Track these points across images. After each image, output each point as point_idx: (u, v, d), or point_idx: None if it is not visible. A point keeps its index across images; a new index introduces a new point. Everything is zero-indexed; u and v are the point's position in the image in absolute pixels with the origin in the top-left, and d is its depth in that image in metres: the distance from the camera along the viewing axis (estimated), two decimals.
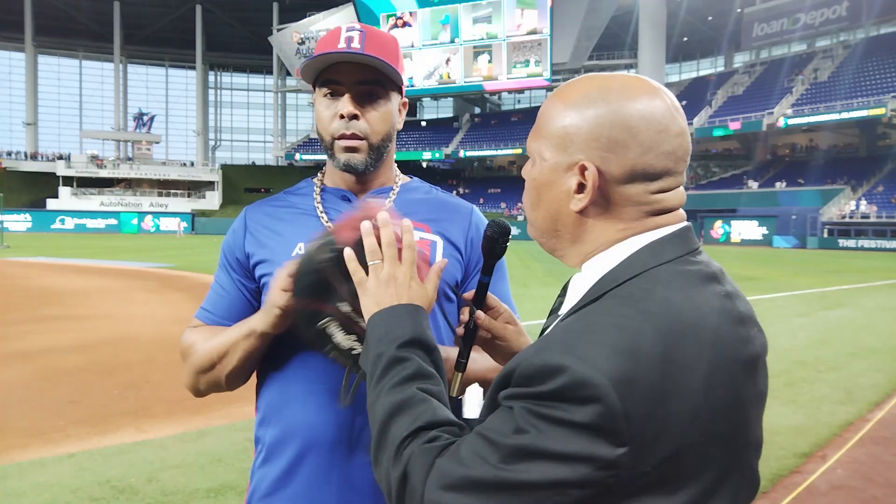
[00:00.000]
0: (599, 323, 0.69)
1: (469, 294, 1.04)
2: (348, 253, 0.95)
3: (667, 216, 0.79)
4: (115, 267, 17.91)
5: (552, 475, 0.64)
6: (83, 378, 5.65)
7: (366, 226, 0.95)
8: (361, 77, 1.16)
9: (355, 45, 1.13)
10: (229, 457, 3.82)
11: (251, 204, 1.31)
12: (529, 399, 0.67)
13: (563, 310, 0.84)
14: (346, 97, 1.16)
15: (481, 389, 0.81)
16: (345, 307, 1.00)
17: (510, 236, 1.00)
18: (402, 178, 1.33)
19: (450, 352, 1.08)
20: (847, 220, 38.45)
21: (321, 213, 1.24)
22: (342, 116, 1.16)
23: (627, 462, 0.63)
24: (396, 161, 1.37)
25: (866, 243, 36.28)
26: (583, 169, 0.76)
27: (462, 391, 0.97)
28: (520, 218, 50.85)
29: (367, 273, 0.93)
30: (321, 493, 1.15)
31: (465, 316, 1.02)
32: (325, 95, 1.19)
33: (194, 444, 4.02)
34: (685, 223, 0.80)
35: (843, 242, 37.22)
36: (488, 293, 1.03)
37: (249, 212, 1.29)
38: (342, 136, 1.18)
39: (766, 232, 40.26)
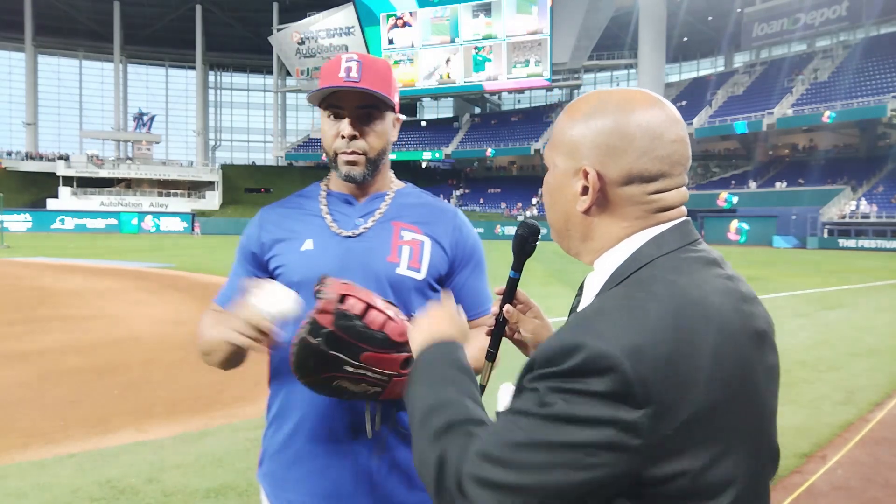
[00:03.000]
0: (609, 305, 0.77)
1: (500, 289, 1.12)
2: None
3: (667, 213, 0.86)
4: (115, 267, 17.91)
5: (581, 437, 0.70)
6: (83, 378, 5.65)
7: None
8: (360, 103, 1.36)
9: (353, 74, 1.32)
10: (230, 457, 3.81)
11: (266, 206, 1.51)
12: (552, 378, 0.73)
13: (581, 307, 0.90)
14: (347, 120, 1.36)
15: (513, 386, 0.87)
16: (349, 368, 1.16)
17: (539, 236, 1.10)
18: (397, 184, 1.51)
19: None
20: (847, 220, 38.46)
21: (326, 214, 1.43)
22: (343, 137, 1.36)
23: (648, 424, 0.70)
24: (397, 161, 1.44)
25: (866, 243, 36.29)
26: (585, 173, 0.85)
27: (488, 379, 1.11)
28: (520, 218, 50.84)
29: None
30: (319, 451, 1.35)
31: (495, 309, 1.10)
32: (329, 116, 1.39)
33: (194, 445, 4.02)
34: (684, 217, 0.88)
35: (843, 242, 37.23)
36: (517, 289, 1.13)
37: (264, 212, 1.50)
38: (343, 153, 1.37)
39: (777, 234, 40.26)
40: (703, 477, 0.73)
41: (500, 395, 0.90)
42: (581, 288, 0.99)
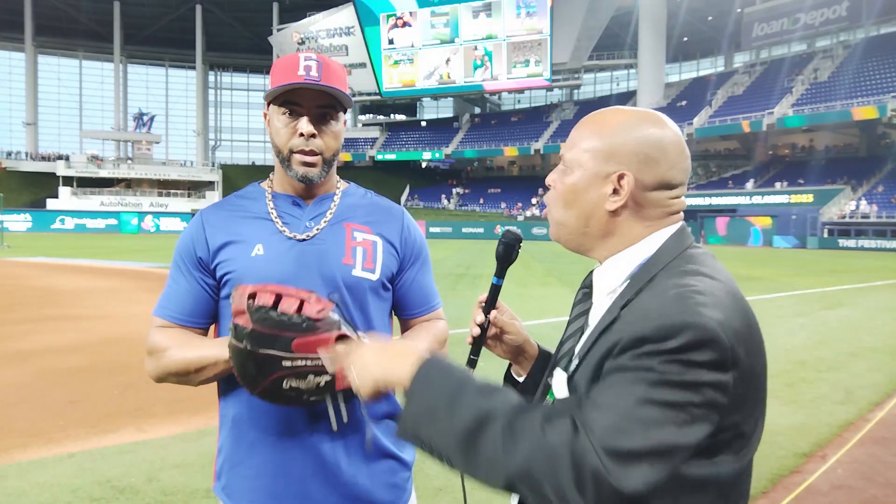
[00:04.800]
0: (685, 290, 0.86)
1: (483, 297, 1.14)
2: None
3: (674, 217, 0.99)
4: (115, 267, 17.91)
5: (697, 399, 0.80)
6: (83, 378, 5.65)
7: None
8: (319, 102, 1.33)
9: (314, 73, 1.30)
10: None
11: (204, 208, 1.44)
12: (663, 354, 0.81)
13: (598, 296, 1.00)
14: (306, 119, 1.32)
15: (564, 373, 0.93)
16: (286, 363, 1.13)
17: (521, 243, 1.15)
18: (342, 184, 1.49)
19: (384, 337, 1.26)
20: (847, 220, 38.46)
21: (275, 217, 1.38)
22: (302, 134, 1.32)
23: (732, 384, 0.82)
24: (397, 161, 1.45)
25: (866, 243, 36.29)
26: (621, 177, 0.95)
27: None
28: (519, 218, 50.87)
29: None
30: (286, 455, 1.32)
31: (480, 317, 1.14)
32: (284, 114, 1.34)
33: (194, 444, 4.02)
34: (683, 221, 1.01)
35: (843, 242, 37.23)
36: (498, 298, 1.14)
37: (205, 215, 1.42)
38: (301, 152, 1.33)
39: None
40: (740, 429, 0.86)
41: (555, 381, 0.98)
42: (587, 282, 1.06)
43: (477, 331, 1.13)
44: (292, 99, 1.32)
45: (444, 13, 54.57)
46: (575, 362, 0.93)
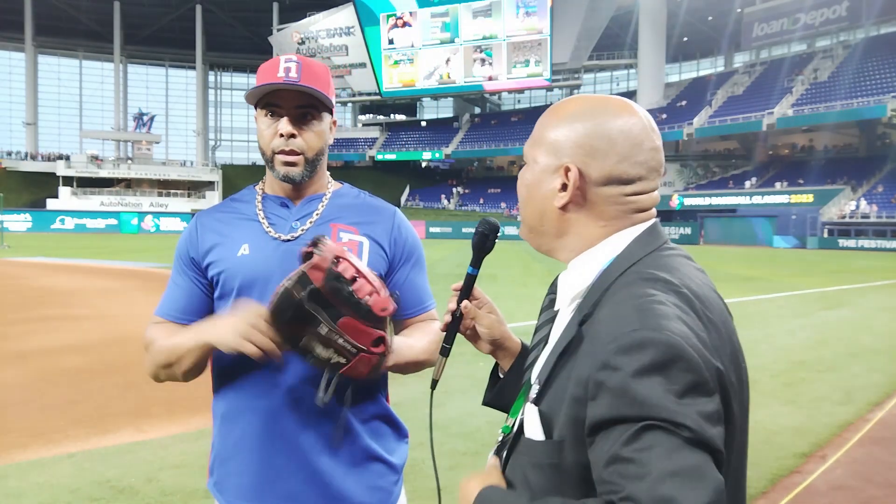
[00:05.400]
0: (636, 306, 0.78)
1: (457, 285, 1.12)
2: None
3: (642, 215, 0.91)
4: (115, 267, 17.91)
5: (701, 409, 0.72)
6: (83, 378, 5.65)
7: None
8: (298, 102, 1.35)
9: (293, 74, 1.32)
10: None
11: (201, 210, 1.49)
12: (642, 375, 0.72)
13: (559, 305, 0.94)
14: (285, 119, 1.35)
15: (535, 407, 0.85)
16: (323, 329, 1.15)
17: (499, 234, 1.12)
18: (334, 185, 1.50)
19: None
20: (847, 220, 38.45)
21: (262, 218, 1.42)
22: (282, 135, 1.35)
23: (716, 383, 0.75)
24: (397, 161, 1.45)
25: (866, 243, 36.29)
26: (567, 170, 0.89)
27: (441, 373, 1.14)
28: (519, 218, 50.83)
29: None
30: (270, 453, 1.33)
31: (452, 305, 1.11)
32: (266, 115, 1.37)
33: (194, 444, 4.02)
34: (655, 219, 0.93)
35: (843, 242, 37.23)
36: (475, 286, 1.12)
37: (200, 218, 1.48)
38: (282, 152, 1.36)
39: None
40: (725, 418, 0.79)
41: (527, 417, 0.86)
42: (553, 287, 1.01)
43: (448, 318, 1.11)
44: (273, 101, 1.35)
45: (444, 13, 54.57)
46: (536, 387, 0.85)
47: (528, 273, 16.95)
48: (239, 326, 1.20)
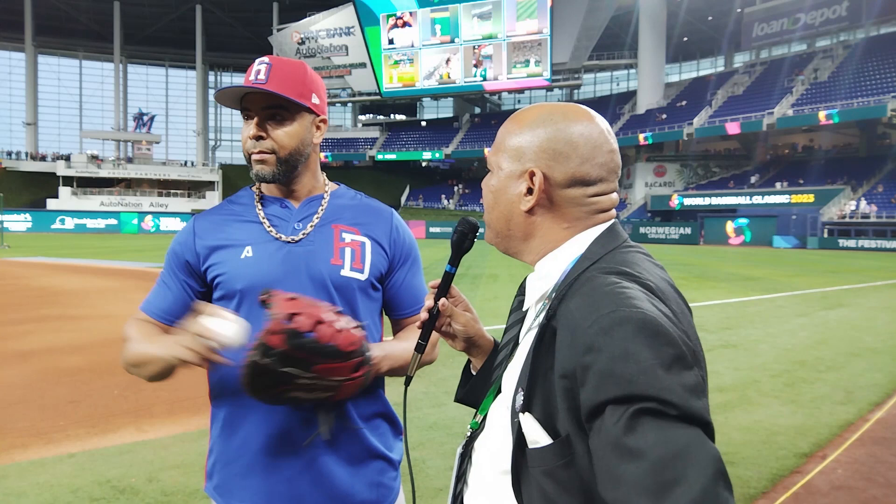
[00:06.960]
0: (606, 292, 0.80)
1: (434, 283, 1.13)
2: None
3: (602, 215, 0.96)
4: (115, 267, 17.91)
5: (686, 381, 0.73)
6: (83, 378, 5.65)
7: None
8: (265, 104, 1.36)
9: (261, 77, 1.34)
10: None
11: (198, 214, 1.48)
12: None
13: (527, 305, 0.99)
14: (254, 121, 1.37)
15: (530, 415, 0.84)
16: (301, 381, 1.17)
17: (478, 233, 1.12)
18: (331, 186, 1.51)
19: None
20: (847, 220, 38.44)
21: (263, 219, 1.42)
22: (251, 137, 1.37)
23: (694, 359, 0.76)
24: (397, 161, 1.46)
25: (866, 243, 36.27)
26: (532, 174, 0.93)
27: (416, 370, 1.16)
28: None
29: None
30: (275, 455, 1.34)
31: (429, 302, 1.12)
32: (245, 118, 1.40)
33: (194, 444, 4.02)
34: (614, 220, 0.97)
35: (843, 242, 37.20)
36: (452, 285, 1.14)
37: (198, 221, 1.47)
38: (253, 153, 1.38)
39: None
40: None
41: (526, 427, 0.85)
42: (522, 288, 1.05)
43: (425, 316, 1.13)
44: (245, 105, 1.37)
45: (444, 13, 54.56)
46: (521, 395, 0.85)
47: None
48: (183, 341, 1.22)
